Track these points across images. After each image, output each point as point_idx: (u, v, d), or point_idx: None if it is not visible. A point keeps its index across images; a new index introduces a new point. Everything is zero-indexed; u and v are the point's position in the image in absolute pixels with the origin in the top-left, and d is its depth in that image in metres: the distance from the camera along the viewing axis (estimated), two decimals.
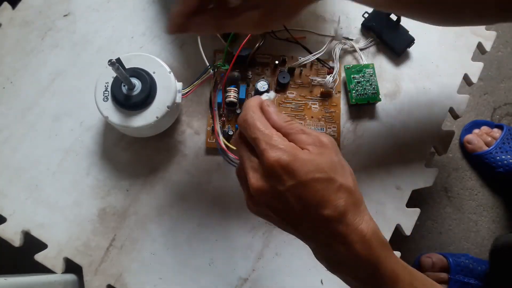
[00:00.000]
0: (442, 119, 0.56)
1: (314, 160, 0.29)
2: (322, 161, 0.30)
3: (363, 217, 0.30)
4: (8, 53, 0.55)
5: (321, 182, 0.29)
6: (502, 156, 0.92)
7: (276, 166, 0.29)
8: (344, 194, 0.29)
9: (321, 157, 0.30)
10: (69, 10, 0.56)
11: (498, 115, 1.03)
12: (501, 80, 1.05)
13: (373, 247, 0.30)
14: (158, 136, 0.53)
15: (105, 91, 0.45)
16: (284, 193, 0.29)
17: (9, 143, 0.52)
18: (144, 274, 0.49)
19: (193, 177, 0.52)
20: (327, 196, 0.29)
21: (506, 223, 0.96)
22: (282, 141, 0.30)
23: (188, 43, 0.56)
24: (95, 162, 0.52)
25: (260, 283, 0.50)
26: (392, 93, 0.56)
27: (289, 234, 0.34)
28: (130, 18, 0.57)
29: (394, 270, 0.30)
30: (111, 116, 0.45)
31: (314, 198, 0.29)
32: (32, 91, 0.53)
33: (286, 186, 0.29)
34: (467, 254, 0.91)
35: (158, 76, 0.46)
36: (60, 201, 0.50)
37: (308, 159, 0.29)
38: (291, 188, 0.29)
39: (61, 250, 0.49)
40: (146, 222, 0.50)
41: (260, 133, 0.30)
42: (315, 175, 0.29)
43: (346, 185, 0.30)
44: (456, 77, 0.58)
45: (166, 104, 0.45)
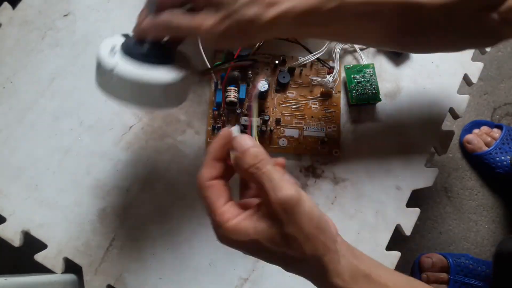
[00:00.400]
0: (442, 119, 0.56)
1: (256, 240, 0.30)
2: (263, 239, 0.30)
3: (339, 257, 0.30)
4: (8, 53, 0.55)
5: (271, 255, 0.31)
6: (502, 157, 0.92)
7: (226, 243, 0.32)
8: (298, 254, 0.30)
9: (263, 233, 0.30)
10: (69, 10, 0.56)
11: (498, 115, 1.03)
12: (501, 80, 1.05)
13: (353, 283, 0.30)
14: (158, 135, 0.53)
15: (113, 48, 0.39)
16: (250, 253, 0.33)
17: (9, 143, 0.52)
18: (144, 274, 0.49)
19: (193, 177, 0.52)
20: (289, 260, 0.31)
21: (506, 223, 0.96)
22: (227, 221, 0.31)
23: (188, 43, 0.56)
24: (95, 162, 0.52)
25: (260, 283, 0.50)
26: (392, 93, 0.56)
27: None
28: (130, 18, 0.56)
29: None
30: (120, 65, 0.37)
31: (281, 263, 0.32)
32: (32, 91, 0.53)
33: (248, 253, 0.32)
34: (467, 254, 0.91)
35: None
36: (60, 201, 0.50)
37: (249, 240, 0.31)
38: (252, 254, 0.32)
39: (61, 250, 0.49)
40: (146, 222, 0.50)
41: (210, 209, 0.33)
42: (261, 254, 0.32)
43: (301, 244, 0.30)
44: (456, 77, 0.58)
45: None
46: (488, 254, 0.94)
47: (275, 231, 0.29)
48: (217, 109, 0.52)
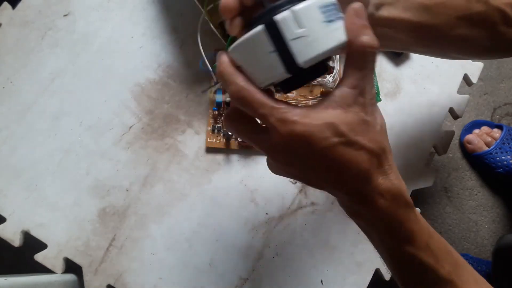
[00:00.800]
0: (442, 119, 0.56)
1: (332, 123, 0.27)
2: (342, 123, 0.27)
3: (388, 177, 0.29)
4: (8, 52, 0.55)
5: (339, 147, 0.27)
6: (502, 157, 0.92)
7: (289, 140, 0.27)
8: (366, 156, 0.28)
9: (343, 117, 0.27)
10: (69, 10, 0.56)
11: (498, 115, 1.03)
12: (501, 80, 1.05)
13: (394, 206, 0.30)
14: (158, 135, 0.53)
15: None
16: (302, 164, 0.28)
17: (9, 142, 0.52)
18: (144, 274, 0.49)
19: (193, 177, 0.52)
20: (348, 160, 0.28)
21: (506, 223, 0.96)
22: (292, 110, 0.27)
23: (188, 43, 0.56)
24: (95, 162, 0.52)
25: (260, 283, 0.50)
26: (392, 93, 0.56)
27: (289, 235, 0.34)
28: (130, 18, 0.57)
29: (412, 230, 0.31)
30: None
31: (334, 164, 0.28)
32: (32, 91, 0.53)
33: (304, 155, 0.28)
34: (467, 254, 0.91)
35: None
36: (60, 201, 0.50)
37: (324, 123, 0.27)
38: (309, 156, 0.28)
39: (61, 250, 0.49)
40: (146, 222, 0.50)
41: (266, 108, 0.27)
42: (333, 140, 0.27)
43: (369, 147, 0.28)
44: (456, 77, 0.58)
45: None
46: (488, 254, 0.94)
47: (355, 115, 0.27)
48: (217, 109, 0.52)
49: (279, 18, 0.26)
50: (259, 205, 0.52)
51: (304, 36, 0.26)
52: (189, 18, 0.56)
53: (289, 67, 0.27)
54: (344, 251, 0.51)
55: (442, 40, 0.36)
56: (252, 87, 0.28)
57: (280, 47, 0.26)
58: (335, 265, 0.51)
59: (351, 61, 0.28)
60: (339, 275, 0.51)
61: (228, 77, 0.28)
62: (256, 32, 0.26)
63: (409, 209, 0.31)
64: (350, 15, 0.27)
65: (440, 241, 0.33)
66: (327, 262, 0.51)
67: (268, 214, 0.52)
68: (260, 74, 0.28)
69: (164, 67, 0.55)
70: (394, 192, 0.29)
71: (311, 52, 0.26)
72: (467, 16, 0.35)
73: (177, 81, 0.55)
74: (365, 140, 0.28)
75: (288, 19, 0.26)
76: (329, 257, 0.51)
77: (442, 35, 0.36)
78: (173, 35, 0.56)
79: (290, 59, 0.26)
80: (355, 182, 0.29)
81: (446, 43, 0.37)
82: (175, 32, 0.56)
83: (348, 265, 0.51)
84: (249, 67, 0.28)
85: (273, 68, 0.27)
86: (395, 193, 0.29)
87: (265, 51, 0.27)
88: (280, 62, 0.27)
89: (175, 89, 0.54)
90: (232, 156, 0.53)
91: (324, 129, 0.27)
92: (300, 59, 0.26)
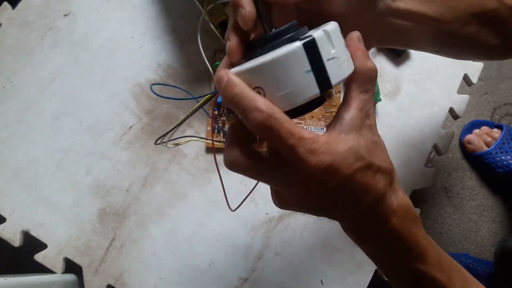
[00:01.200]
0: (442, 119, 0.56)
1: (353, 148, 0.27)
2: (360, 147, 0.27)
3: (397, 194, 0.30)
4: (8, 52, 0.54)
5: (361, 171, 0.27)
6: (502, 157, 0.92)
7: (318, 172, 0.26)
8: (382, 176, 0.29)
9: (358, 141, 0.27)
10: (69, 10, 0.56)
11: (498, 115, 1.03)
12: (501, 80, 1.05)
13: (406, 222, 0.30)
14: (158, 135, 0.53)
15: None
16: (324, 193, 0.28)
17: (9, 142, 0.52)
18: (144, 274, 0.49)
19: (193, 177, 0.52)
20: (366, 183, 0.28)
21: (506, 223, 0.96)
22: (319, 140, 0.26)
23: (188, 43, 0.56)
24: (95, 162, 0.52)
25: (260, 283, 0.50)
26: (392, 93, 0.56)
27: (289, 235, 0.33)
28: (130, 18, 0.57)
29: (424, 247, 0.31)
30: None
31: (356, 188, 0.28)
32: (32, 91, 0.53)
33: (328, 187, 0.27)
34: (467, 254, 0.91)
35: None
36: (60, 201, 0.50)
37: (347, 150, 0.27)
38: (333, 187, 0.27)
39: (61, 250, 0.49)
40: (146, 222, 0.50)
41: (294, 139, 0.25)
42: (356, 166, 0.27)
43: (383, 167, 0.29)
44: (456, 77, 0.57)
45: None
46: (488, 254, 0.94)
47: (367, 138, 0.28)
48: (217, 109, 0.52)
49: (318, 36, 0.25)
50: (259, 205, 0.52)
51: (336, 58, 0.26)
52: (189, 18, 0.56)
53: (322, 87, 0.26)
54: (344, 251, 0.51)
55: (456, 37, 0.36)
56: (281, 114, 0.25)
57: (317, 66, 0.25)
58: (335, 265, 0.51)
59: (357, 84, 0.28)
60: (339, 275, 0.50)
61: (249, 103, 0.25)
62: (293, 49, 0.25)
63: (419, 225, 0.31)
64: (354, 41, 0.28)
65: (448, 257, 0.33)
66: (327, 262, 0.51)
67: (268, 214, 0.52)
68: (288, 95, 0.26)
69: (164, 67, 0.55)
70: (405, 208, 0.30)
71: (342, 74, 0.26)
72: (480, 13, 0.35)
73: (177, 81, 0.55)
74: (379, 161, 0.28)
75: (325, 38, 0.25)
76: (329, 257, 0.51)
77: (454, 32, 0.35)
78: (173, 35, 0.56)
79: (325, 78, 0.26)
80: (372, 203, 0.29)
81: (459, 41, 0.36)
82: (175, 32, 0.56)
83: (348, 265, 0.51)
84: (275, 88, 0.26)
85: (305, 89, 0.26)
86: (406, 209, 0.30)
87: (300, 70, 0.25)
88: (314, 82, 0.25)
89: (175, 89, 0.54)
90: None
91: (349, 156, 0.27)
92: (333, 80, 0.26)
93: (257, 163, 0.28)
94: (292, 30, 0.27)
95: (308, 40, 0.25)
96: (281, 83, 0.26)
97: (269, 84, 0.26)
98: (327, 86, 0.26)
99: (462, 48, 0.38)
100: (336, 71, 0.26)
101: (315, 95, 0.26)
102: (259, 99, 0.25)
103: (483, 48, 0.38)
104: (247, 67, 0.26)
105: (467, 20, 0.35)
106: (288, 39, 0.26)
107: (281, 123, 0.25)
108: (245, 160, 0.28)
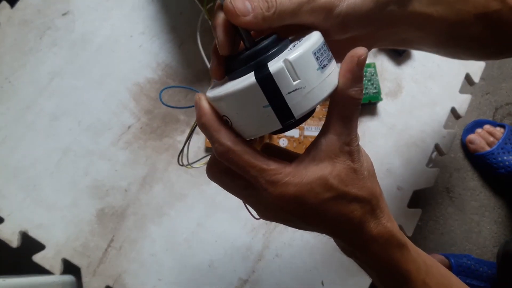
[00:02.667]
0: (443, 119, 0.56)
1: (321, 178, 0.27)
2: (330, 176, 0.27)
3: (379, 221, 0.29)
4: (6, 52, 0.54)
5: (331, 200, 0.27)
6: (504, 157, 0.92)
7: (281, 202, 0.27)
8: (358, 205, 0.28)
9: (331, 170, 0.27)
10: (67, 9, 0.56)
11: (500, 114, 1.03)
12: (503, 80, 1.04)
13: (388, 249, 0.30)
14: (157, 135, 0.52)
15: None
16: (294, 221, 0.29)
17: (7, 143, 0.52)
18: (143, 275, 0.49)
19: (193, 177, 0.52)
20: (339, 212, 0.27)
21: (508, 224, 0.96)
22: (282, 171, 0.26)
23: (187, 42, 0.56)
24: (94, 162, 0.51)
25: (260, 285, 0.49)
26: (394, 92, 0.56)
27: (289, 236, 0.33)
28: (129, 17, 0.56)
29: (408, 270, 0.30)
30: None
31: (327, 219, 0.28)
32: (30, 91, 0.53)
33: (296, 214, 0.28)
34: (469, 255, 0.90)
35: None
36: (58, 201, 0.50)
37: (313, 180, 0.26)
38: (301, 215, 0.28)
39: (59, 251, 0.49)
40: (145, 222, 0.50)
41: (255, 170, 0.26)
42: (325, 196, 0.27)
43: (360, 196, 0.28)
44: (457, 77, 0.57)
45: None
46: (490, 255, 0.94)
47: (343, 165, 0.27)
48: None
49: (274, 71, 0.23)
50: None
51: (300, 88, 0.24)
52: (188, 17, 0.56)
53: (283, 121, 0.25)
54: None
55: (456, 38, 0.35)
56: (240, 146, 0.26)
57: (275, 101, 0.24)
58: (335, 266, 0.50)
59: (337, 109, 0.27)
60: (339, 276, 0.50)
61: (212, 134, 0.27)
62: (248, 85, 0.24)
63: (403, 249, 0.30)
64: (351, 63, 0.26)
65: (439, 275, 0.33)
66: (327, 264, 0.50)
67: None
68: (250, 128, 0.26)
69: (163, 66, 0.55)
70: (386, 236, 0.29)
71: (308, 104, 0.25)
72: (484, 15, 0.34)
73: (176, 81, 0.54)
74: (355, 189, 0.27)
75: (283, 71, 0.23)
76: (329, 258, 0.50)
77: (457, 33, 0.35)
78: (172, 34, 0.56)
79: (285, 113, 0.24)
80: (349, 232, 0.29)
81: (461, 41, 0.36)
82: (174, 31, 0.56)
83: (348, 267, 0.50)
84: (237, 120, 0.26)
85: (266, 122, 0.25)
86: (387, 236, 0.29)
87: (257, 105, 0.24)
88: (274, 117, 0.25)
89: (174, 89, 0.54)
90: None
91: (315, 186, 0.26)
92: (296, 112, 0.25)
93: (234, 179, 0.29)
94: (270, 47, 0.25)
95: (262, 76, 0.23)
96: (242, 116, 0.25)
97: (233, 114, 0.26)
98: (288, 118, 0.25)
99: (461, 49, 0.38)
100: (301, 102, 0.24)
101: (277, 128, 0.25)
102: (221, 130, 0.26)
103: (480, 48, 0.37)
104: (214, 95, 0.26)
105: (471, 21, 0.34)
106: (253, 66, 0.25)
107: (240, 156, 0.26)
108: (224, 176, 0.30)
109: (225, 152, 0.26)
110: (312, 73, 0.24)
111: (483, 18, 0.35)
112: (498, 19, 0.35)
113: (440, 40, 0.36)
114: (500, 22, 0.35)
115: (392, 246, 0.30)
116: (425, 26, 0.34)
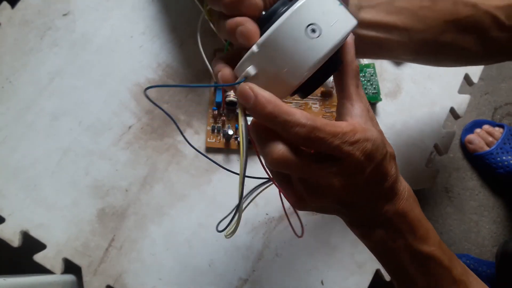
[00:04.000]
0: (442, 119, 0.56)
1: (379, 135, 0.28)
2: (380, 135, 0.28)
3: (400, 178, 0.31)
4: (7, 52, 0.54)
5: (385, 157, 0.28)
6: (503, 157, 0.92)
7: (364, 160, 0.26)
8: (393, 161, 0.30)
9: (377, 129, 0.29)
10: (68, 9, 0.56)
11: (499, 114, 1.03)
12: (502, 80, 1.05)
13: (411, 204, 0.31)
14: (158, 135, 0.52)
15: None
16: (361, 181, 0.28)
17: (8, 142, 0.52)
18: (144, 275, 0.49)
19: (192, 177, 0.52)
20: (386, 168, 0.29)
21: (507, 224, 0.96)
22: (356, 130, 0.26)
23: (188, 42, 0.56)
24: (94, 162, 0.51)
25: (260, 284, 0.50)
26: (393, 93, 0.56)
27: (289, 235, 0.33)
28: (130, 17, 0.56)
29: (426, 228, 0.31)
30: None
31: (379, 175, 0.28)
32: (31, 91, 0.53)
33: (366, 174, 0.27)
34: (468, 254, 0.91)
35: None
36: (59, 201, 0.50)
37: (376, 136, 0.27)
38: (369, 173, 0.27)
39: (60, 251, 0.49)
40: (145, 222, 0.50)
41: (337, 138, 0.25)
42: (384, 151, 0.28)
43: (392, 153, 0.30)
44: (456, 77, 0.57)
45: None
46: (489, 255, 0.94)
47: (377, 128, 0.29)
48: (217, 109, 0.52)
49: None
50: (259, 206, 0.51)
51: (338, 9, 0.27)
52: (188, 17, 0.56)
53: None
54: (344, 252, 0.51)
55: (432, 45, 0.36)
56: (318, 119, 0.25)
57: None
58: (335, 265, 0.50)
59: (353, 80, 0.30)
60: (339, 275, 0.50)
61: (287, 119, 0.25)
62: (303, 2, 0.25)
63: (419, 207, 0.32)
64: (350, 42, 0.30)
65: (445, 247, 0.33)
66: (327, 263, 0.50)
67: (268, 215, 0.51)
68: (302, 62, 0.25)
69: (164, 66, 0.55)
70: (407, 190, 0.31)
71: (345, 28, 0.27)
72: (455, 21, 0.35)
73: (177, 81, 0.54)
74: (389, 148, 0.30)
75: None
76: (329, 257, 0.51)
77: (431, 40, 0.35)
78: (172, 34, 0.56)
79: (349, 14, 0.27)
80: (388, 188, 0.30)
81: (435, 49, 0.36)
82: (174, 31, 0.56)
83: (348, 266, 0.51)
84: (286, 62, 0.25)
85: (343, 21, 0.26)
86: (408, 191, 0.31)
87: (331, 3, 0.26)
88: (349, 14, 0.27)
89: (174, 89, 0.54)
90: (232, 156, 0.52)
91: (380, 142, 0.28)
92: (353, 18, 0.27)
93: (305, 157, 0.27)
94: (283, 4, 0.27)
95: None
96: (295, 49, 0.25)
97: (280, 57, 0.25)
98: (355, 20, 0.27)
99: (441, 56, 0.38)
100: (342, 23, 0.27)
101: (354, 26, 0.27)
102: (296, 112, 0.25)
103: (463, 54, 0.38)
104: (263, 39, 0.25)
105: (442, 28, 0.35)
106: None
107: (323, 130, 0.25)
108: (292, 155, 0.27)
109: (310, 132, 0.25)
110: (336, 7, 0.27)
111: (455, 24, 0.35)
112: (472, 24, 0.35)
113: (417, 48, 0.36)
114: (475, 27, 0.35)
115: (415, 199, 0.31)
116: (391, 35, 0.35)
